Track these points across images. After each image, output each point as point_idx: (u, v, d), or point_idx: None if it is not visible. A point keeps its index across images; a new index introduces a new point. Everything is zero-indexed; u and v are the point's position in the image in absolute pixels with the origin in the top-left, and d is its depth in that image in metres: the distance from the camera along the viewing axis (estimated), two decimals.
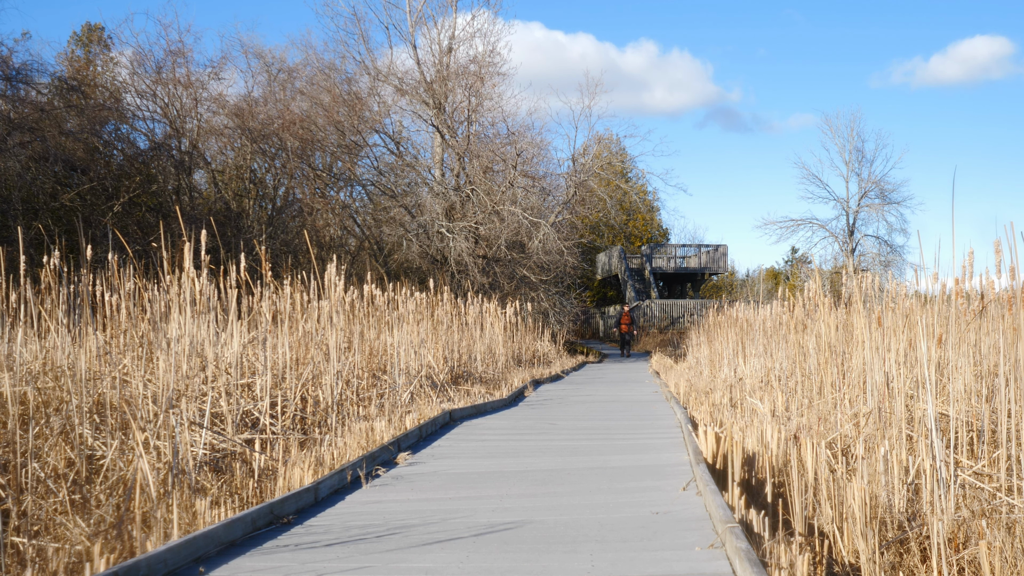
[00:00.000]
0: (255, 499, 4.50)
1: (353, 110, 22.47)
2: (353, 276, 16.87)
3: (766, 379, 8.61)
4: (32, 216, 15.58)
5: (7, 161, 16.10)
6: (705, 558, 2.92)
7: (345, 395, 7.11)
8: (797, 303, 8.77)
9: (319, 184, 23.22)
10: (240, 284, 6.98)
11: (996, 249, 4.47)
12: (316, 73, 23.33)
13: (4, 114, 16.74)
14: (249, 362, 6.69)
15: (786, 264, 50.82)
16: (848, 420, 5.61)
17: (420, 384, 8.81)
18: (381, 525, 3.52)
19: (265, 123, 21.38)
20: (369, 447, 5.46)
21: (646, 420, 7.19)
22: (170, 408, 5.06)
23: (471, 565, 2.91)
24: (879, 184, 40.18)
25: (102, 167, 18.35)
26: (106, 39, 25.21)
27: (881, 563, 3.27)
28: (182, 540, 2.97)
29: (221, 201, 20.64)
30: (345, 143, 22.68)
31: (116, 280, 6.70)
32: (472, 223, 21.29)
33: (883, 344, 5.55)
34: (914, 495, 4.00)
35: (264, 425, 5.84)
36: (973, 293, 5.60)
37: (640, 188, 42.50)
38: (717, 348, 12.20)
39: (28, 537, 3.59)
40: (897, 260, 39.30)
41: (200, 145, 20.93)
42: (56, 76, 19.69)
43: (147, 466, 4.05)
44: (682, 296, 38.38)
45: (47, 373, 5.50)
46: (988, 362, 5.30)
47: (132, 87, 20.65)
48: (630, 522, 3.48)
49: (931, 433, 3.82)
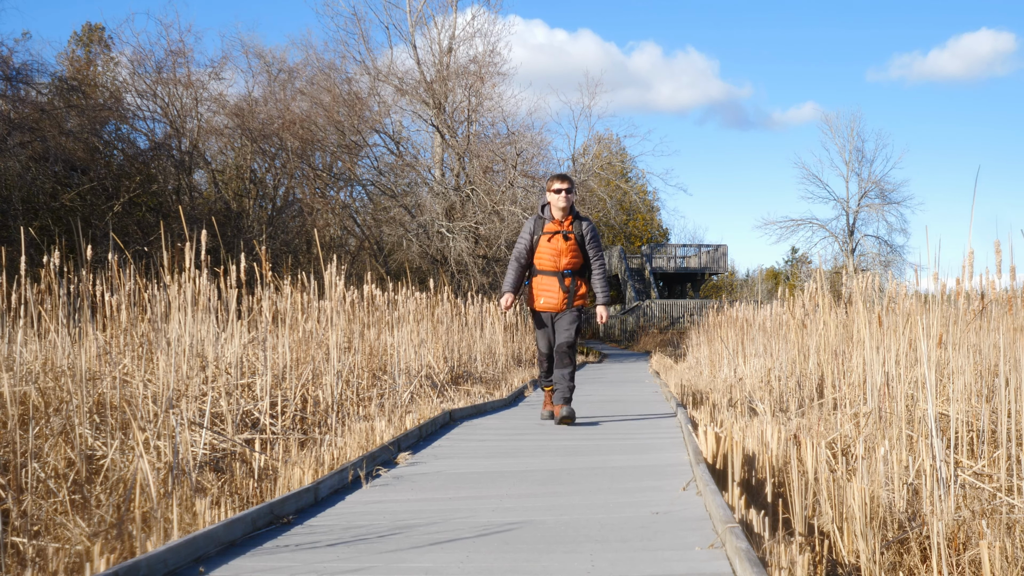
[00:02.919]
0: (255, 499, 4.50)
1: (353, 110, 22.48)
2: (353, 276, 16.89)
3: (766, 379, 8.61)
4: (32, 216, 15.59)
5: (7, 161, 16.11)
6: (705, 558, 2.93)
7: (345, 395, 7.12)
8: (797, 303, 8.78)
9: (319, 184, 23.23)
10: (240, 284, 6.99)
11: (996, 249, 4.48)
12: (316, 73, 23.35)
13: (4, 114, 16.75)
14: (249, 362, 6.70)
15: (786, 264, 50.85)
16: (848, 420, 5.61)
17: (420, 384, 8.82)
18: (382, 525, 3.53)
19: (265, 123, 21.39)
20: (369, 447, 5.47)
21: (646, 420, 7.19)
22: (170, 408, 5.07)
23: (472, 565, 2.91)
24: (879, 184, 40.22)
25: (102, 167, 18.36)
26: (106, 39, 25.24)
27: (881, 563, 3.27)
28: (182, 540, 2.97)
29: (221, 201, 20.65)
30: (345, 143, 22.69)
31: (116, 280, 6.70)
32: (472, 223, 21.30)
33: (883, 344, 5.55)
34: (914, 495, 4.01)
35: (264, 425, 5.84)
36: (973, 293, 5.61)
37: (640, 188, 42.52)
38: (717, 348, 12.20)
39: (28, 537, 3.59)
40: (897, 260, 39.35)
41: (200, 145, 20.94)
42: (56, 76, 19.71)
43: (147, 466, 4.05)
44: (682, 296, 38.39)
45: (47, 373, 5.51)
46: (988, 362, 5.31)
47: (132, 87, 20.67)
48: (630, 522, 3.48)
49: (931, 433, 3.82)
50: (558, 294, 6.58)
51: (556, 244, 6.51)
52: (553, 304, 6.61)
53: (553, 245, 6.52)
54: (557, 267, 6.55)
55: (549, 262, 6.56)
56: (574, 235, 6.55)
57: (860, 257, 39.79)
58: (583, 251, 6.63)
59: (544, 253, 6.56)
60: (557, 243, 6.51)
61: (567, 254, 6.56)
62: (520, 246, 6.59)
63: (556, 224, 6.54)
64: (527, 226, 6.59)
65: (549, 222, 6.53)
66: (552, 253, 6.54)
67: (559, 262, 6.55)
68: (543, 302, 6.63)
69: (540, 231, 6.54)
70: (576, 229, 6.56)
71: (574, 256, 6.58)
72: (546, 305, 6.63)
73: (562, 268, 6.56)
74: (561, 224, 6.54)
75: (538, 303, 6.65)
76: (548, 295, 6.61)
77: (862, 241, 40.28)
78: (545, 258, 6.56)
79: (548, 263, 6.56)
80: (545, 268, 6.59)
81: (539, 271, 6.62)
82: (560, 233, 6.51)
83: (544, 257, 6.57)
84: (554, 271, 6.56)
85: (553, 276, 6.57)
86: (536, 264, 6.63)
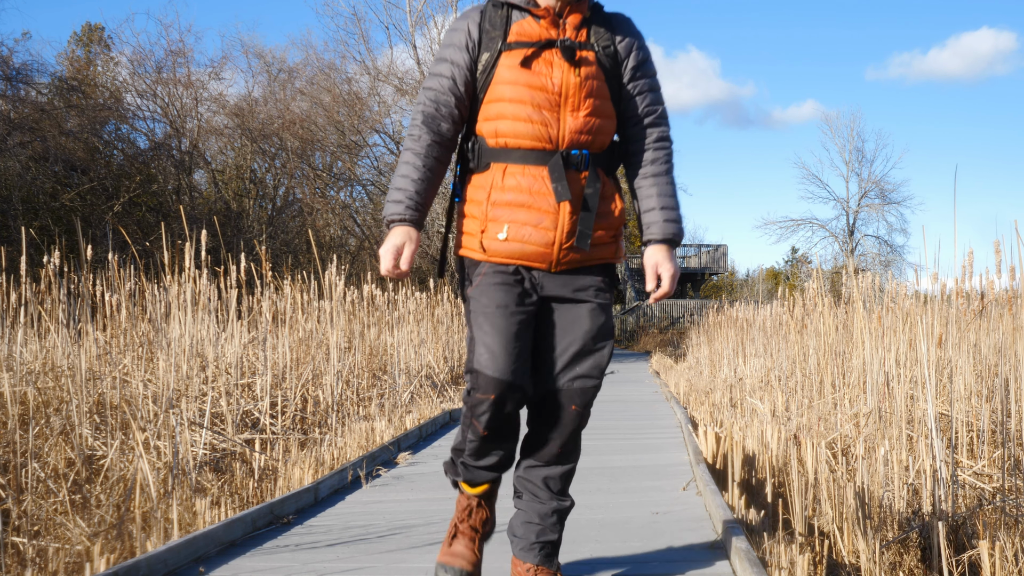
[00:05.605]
0: (255, 499, 4.50)
1: (353, 110, 22.50)
2: (353, 276, 16.90)
3: (766, 379, 8.61)
4: (32, 216, 15.59)
5: (7, 161, 16.12)
6: (705, 558, 2.93)
7: (345, 395, 7.12)
8: (797, 303, 8.78)
9: (319, 184, 23.24)
10: (240, 284, 6.99)
11: (996, 249, 4.48)
12: (316, 73, 23.38)
13: (4, 114, 16.75)
14: (249, 362, 6.70)
15: (786, 264, 50.84)
16: (848, 420, 5.61)
17: (420, 384, 8.82)
18: (382, 525, 3.53)
19: (265, 123, 21.41)
20: (369, 447, 5.47)
21: (646, 420, 7.19)
22: (170, 408, 5.07)
23: None
24: (879, 184, 40.22)
25: (102, 167, 18.37)
26: (106, 39, 25.23)
27: (881, 563, 3.27)
28: (182, 540, 2.97)
29: (221, 201, 20.65)
30: (345, 143, 22.71)
31: (116, 280, 6.70)
32: None
33: (883, 344, 5.55)
34: (914, 495, 4.01)
35: (264, 425, 5.84)
36: (973, 293, 5.61)
37: None
38: (717, 348, 12.20)
39: (28, 537, 3.59)
40: (897, 260, 39.34)
41: (200, 145, 20.95)
42: (56, 76, 19.72)
43: (147, 466, 4.05)
44: (682, 296, 38.38)
45: (47, 373, 5.51)
46: (988, 362, 5.31)
47: (132, 87, 20.69)
48: (630, 522, 3.48)
49: (931, 433, 3.82)
50: (554, 216, 2.46)
51: (547, 75, 2.47)
52: (540, 245, 2.47)
53: (538, 78, 2.47)
54: (550, 139, 2.47)
55: (527, 127, 2.47)
56: (595, 53, 2.51)
57: (860, 257, 39.80)
58: (615, 97, 2.54)
59: (515, 100, 2.48)
60: (550, 72, 2.47)
61: (577, 102, 2.48)
62: (435, 87, 2.54)
63: (547, 23, 2.50)
64: (458, 32, 2.55)
65: (525, 17, 2.51)
66: (537, 99, 2.47)
67: (557, 126, 2.47)
68: (511, 236, 2.48)
69: (502, 40, 2.50)
70: (599, 39, 2.53)
71: (593, 108, 2.50)
72: (520, 248, 2.48)
73: (565, 142, 2.47)
74: (560, 21, 2.51)
75: (493, 240, 2.50)
76: (526, 218, 2.47)
77: (862, 241, 40.30)
78: (518, 114, 2.48)
79: (525, 129, 2.48)
80: (519, 142, 2.49)
81: (497, 151, 2.52)
82: (558, 46, 2.47)
83: (514, 111, 2.48)
84: (541, 150, 2.48)
85: (538, 165, 2.48)
86: (489, 134, 2.52)
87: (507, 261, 2.47)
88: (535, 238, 2.43)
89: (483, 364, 2.38)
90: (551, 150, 2.44)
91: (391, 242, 2.44)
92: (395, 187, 2.47)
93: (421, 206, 2.47)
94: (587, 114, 2.44)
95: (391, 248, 2.43)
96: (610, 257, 2.53)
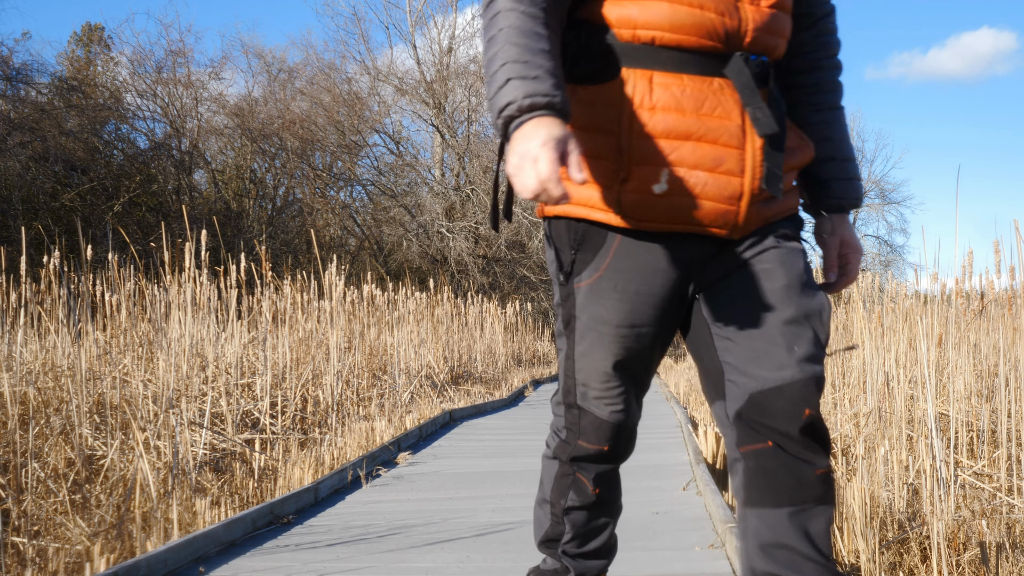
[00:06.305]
0: (255, 499, 4.51)
1: (353, 110, 22.51)
2: (353, 276, 16.89)
3: None
4: (32, 216, 15.59)
5: (7, 161, 16.12)
6: (705, 558, 2.93)
7: (345, 395, 7.12)
8: None
9: (319, 184, 23.25)
10: (240, 284, 6.99)
11: (996, 249, 4.48)
12: (316, 73, 23.39)
13: (4, 114, 16.76)
14: (249, 362, 6.70)
15: None
16: (848, 420, 5.61)
17: (420, 384, 8.82)
18: (382, 525, 3.53)
19: (265, 123, 21.41)
20: (369, 447, 5.47)
21: (646, 419, 7.19)
22: (170, 408, 5.07)
23: (471, 565, 2.91)
24: (879, 184, 40.20)
25: (102, 167, 18.37)
26: (106, 39, 25.20)
27: (881, 563, 3.27)
28: (182, 540, 2.97)
29: (221, 201, 20.65)
30: (345, 143, 22.72)
31: (116, 280, 6.71)
32: (472, 223, 21.32)
33: (883, 344, 5.55)
34: (914, 495, 4.01)
35: (264, 425, 5.84)
36: (973, 293, 5.61)
37: None
38: None
39: (28, 537, 3.59)
40: (897, 260, 39.32)
41: (200, 145, 20.95)
42: (56, 76, 19.71)
43: (147, 466, 4.05)
44: None
45: (47, 373, 5.51)
46: (988, 362, 5.31)
47: (132, 87, 20.69)
48: (630, 522, 3.48)
49: (931, 433, 3.82)
50: (739, 154, 1.45)
51: None
52: (719, 200, 1.47)
53: None
54: (726, 34, 1.44)
55: (690, 13, 1.41)
56: None
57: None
58: None
59: None
60: None
61: None
62: None
63: None
64: None
65: None
66: None
67: (737, 15, 1.45)
68: (673, 187, 1.44)
69: None
70: None
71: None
72: (689, 205, 1.46)
73: (747, 40, 1.46)
74: None
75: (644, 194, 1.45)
76: (696, 156, 1.44)
77: (862, 241, 40.35)
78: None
79: (687, 17, 1.41)
80: (676, 37, 1.42)
81: (635, 49, 1.44)
82: None
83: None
84: (711, 51, 1.44)
85: (704, 76, 1.45)
86: (620, 22, 1.43)
87: (665, 227, 1.50)
88: (711, 189, 1.46)
89: (600, 405, 1.67)
90: (724, 52, 1.46)
91: (542, 133, 1.27)
92: (514, 60, 1.32)
93: (558, 83, 1.34)
94: (772, 3, 1.49)
95: (549, 140, 1.26)
96: (795, 207, 1.66)
